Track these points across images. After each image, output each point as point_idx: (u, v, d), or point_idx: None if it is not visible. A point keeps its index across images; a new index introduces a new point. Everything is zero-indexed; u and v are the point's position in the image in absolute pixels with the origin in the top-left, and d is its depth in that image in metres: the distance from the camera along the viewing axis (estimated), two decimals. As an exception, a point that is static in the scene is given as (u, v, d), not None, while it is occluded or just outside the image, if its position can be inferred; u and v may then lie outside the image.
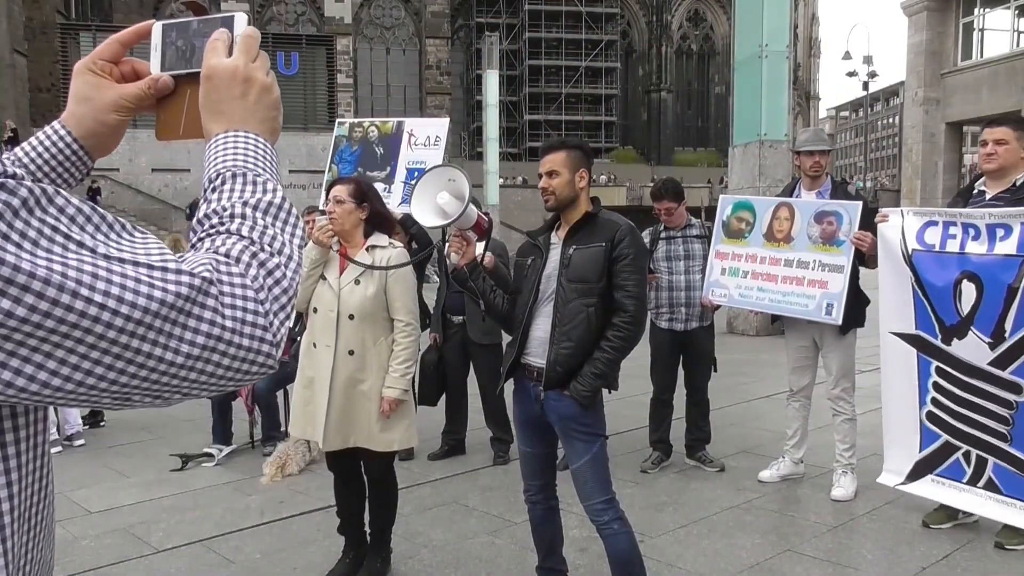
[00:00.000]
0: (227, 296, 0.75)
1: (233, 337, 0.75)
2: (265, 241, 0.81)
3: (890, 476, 4.16)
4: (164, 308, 0.70)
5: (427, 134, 5.33)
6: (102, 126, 0.95)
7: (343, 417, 3.38)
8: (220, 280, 0.75)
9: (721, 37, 59.99)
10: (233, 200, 0.83)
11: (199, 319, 0.72)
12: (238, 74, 0.88)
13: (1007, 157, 3.84)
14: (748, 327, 11.42)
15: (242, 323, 0.75)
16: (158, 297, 0.69)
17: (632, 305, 2.89)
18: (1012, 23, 22.13)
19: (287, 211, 0.85)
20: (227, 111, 0.88)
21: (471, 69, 56.66)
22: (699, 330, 5.07)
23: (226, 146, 0.87)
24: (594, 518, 2.96)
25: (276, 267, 0.80)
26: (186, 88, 0.93)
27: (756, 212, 4.70)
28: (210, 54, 0.89)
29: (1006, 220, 3.62)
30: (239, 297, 0.76)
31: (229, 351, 0.75)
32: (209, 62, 0.88)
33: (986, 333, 3.66)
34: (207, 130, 0.89)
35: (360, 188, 3.50)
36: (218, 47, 0.89)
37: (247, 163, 0.86)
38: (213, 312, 0.73)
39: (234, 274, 0.76)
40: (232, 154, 0.86)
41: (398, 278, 3.42)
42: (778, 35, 11.20)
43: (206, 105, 0.89)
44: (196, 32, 0.92)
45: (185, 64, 0.93)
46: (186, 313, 0.71)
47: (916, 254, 3.92)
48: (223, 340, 0.74)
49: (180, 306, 0.71)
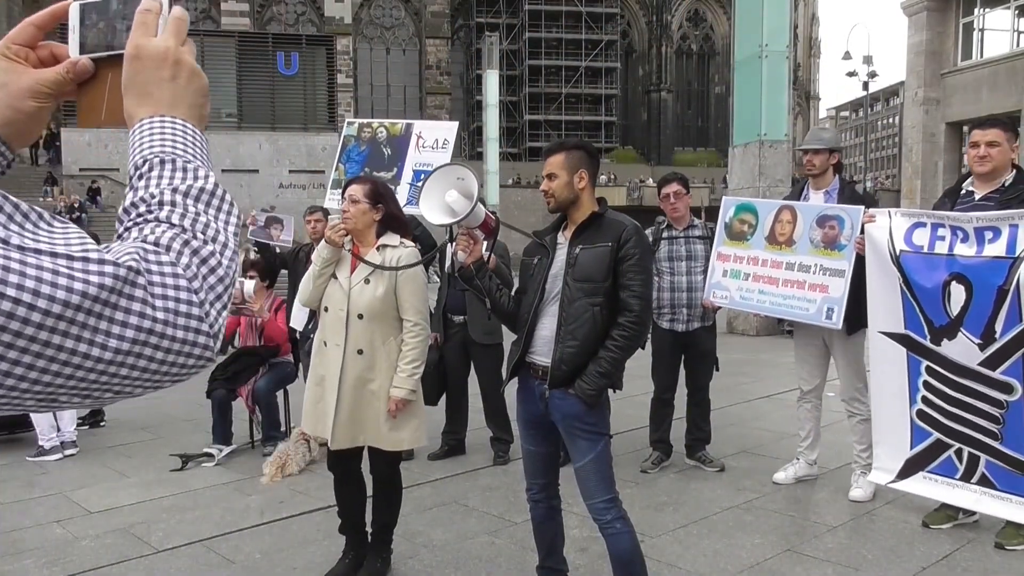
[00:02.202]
0: (157, 286, 0.71)
1: (166, 329, 0.70)
2: (197, 229, 0.77)
3: (880, 474, 4.16)
4: (87, 300, 0.66)
5: (435, 137, 5.35)
6: (19, 113, 0.88)
7: (352, 416, 3.38)
8: (149, 270, 0.71)
9: (721, 37, 59.98)
10: (162, 187, 0.78)
11: (127, 311, 0.68)
12: (168, 55, 0.83)
13: (1000, 159, 3.86)
14: (748, 327, 11.42)
15: (175, 314, 0.71)
16: (79, 289, 0.65)
17: (637, 305, 2.90)
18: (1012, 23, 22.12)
19: (220, 197, 0.81)
20: (155, 94, 0.83)
21: (471, 69, 56.64)
22: (701, 330, 5.07)
23: (152, 131, 0.82)
24: (596, 517, 2.96)
25: (210, 255, 0.76)
26: (107, 72, 0.87)
27: (759, 214, 4.71)
28: (137, 31, 0.83)
29: (994, 223, 3.63)
30: (171, 287, 0.72)
31: (162, 344, 0.71)
32: (136, 40, 0.83)
33: (976, 334, 3.67)
34: (131, 114, 0.83)
35: (376, 189, 3.50)
36: (147, 23, 0.83)
37: (176, 149, 0.81)
38: (142, 303, 0.69)
39: (164, 263, 0.72)
40: (160, 140, 0.81)
41: (408, 278, 3.42)
42: (778, 35, 11.21)
43: (131, 87, 0.83)
44: (117, 13, 0.87)
45: (106, 46, 0.87)
46: (112, 305, 0.67)
47: (904, 255, 3.93)
48: (155, 333, 0.70)
49: (104, 298, 0.67)
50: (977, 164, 3.91)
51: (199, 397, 5.84)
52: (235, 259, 0.79)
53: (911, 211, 4.18)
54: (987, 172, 3.90)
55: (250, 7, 48.82)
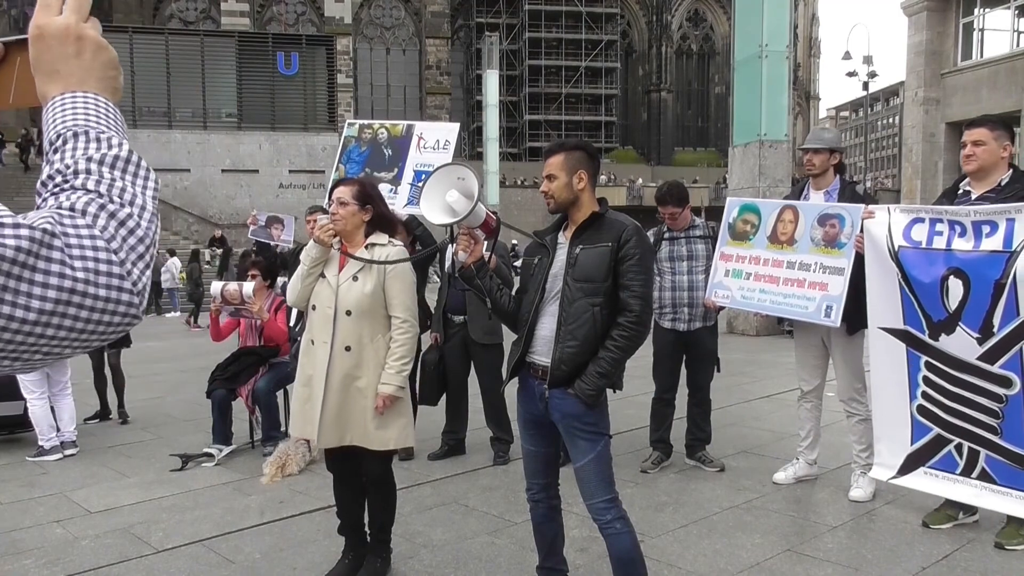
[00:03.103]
0: (75, 248, 0.73)
1: (88, 288, 0.73)
2: (114, 193, 0.79)
3: (882, 470, 4.16)
4: (4, 263, 0.68)
5: (436, 138, 5.35)
6: None
7: (339, 414, 3.38)
8: (65, 232, 0.73)
9: (721, 37, 59.97)
10: (76, 157, 0.80)
11: (45, 273, 0.70)
12: (70, 32, 0.84)
13: (986, 158, 3.87)
14: (748, 327, 11.42)
15: (95, 273, 0.73)
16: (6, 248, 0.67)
17: (638, 305, 2.90)
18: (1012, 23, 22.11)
19: (135, 164, 0.83)
20: (63, 71, 0.84)
21: (471, 69, 56.64)
22: (702, 330, 5.07)
23: (64, 106, 0.83)
24: (596, 517, 2.96)
25: (128, 217, 0.78)
26: (16, 55, 0.89)
27: (761, 214, 4.72)
28: (40, 11, 0.84)
29: (991, 217, 3.64)
30: (88, 248, 0.73)
31: (86, 303, 0.73)
32: (38, 21, 0.84)
33: (974, 328, 3.67)
34: (43, 93, 0.85)
35: (364, 190, 3.50)
36: (50, 4, 0.85)
37: (88, 122, 0.83)
38: (60, 264, 0.71)
39: (80, 226, 0.74)
40: (72, 114, 0.83)
41: (396, 275, 3.42)
42: (778, 35, 11.22)
43: (39, 67, 0.84)
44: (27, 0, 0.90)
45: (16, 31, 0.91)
46: (30, 268, 0.69)
47: (902, 251, 3.94)
48: (76, 292, 0.72)
49: (22, 260, 0.69)
50: (964, 163, 3.94)
51: (199, 397, 5.85)
52: (154, 221, 0.81)
53: (910, 207, 4.19)
54: (975, 170, 3.91)
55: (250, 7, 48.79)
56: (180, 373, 9.23)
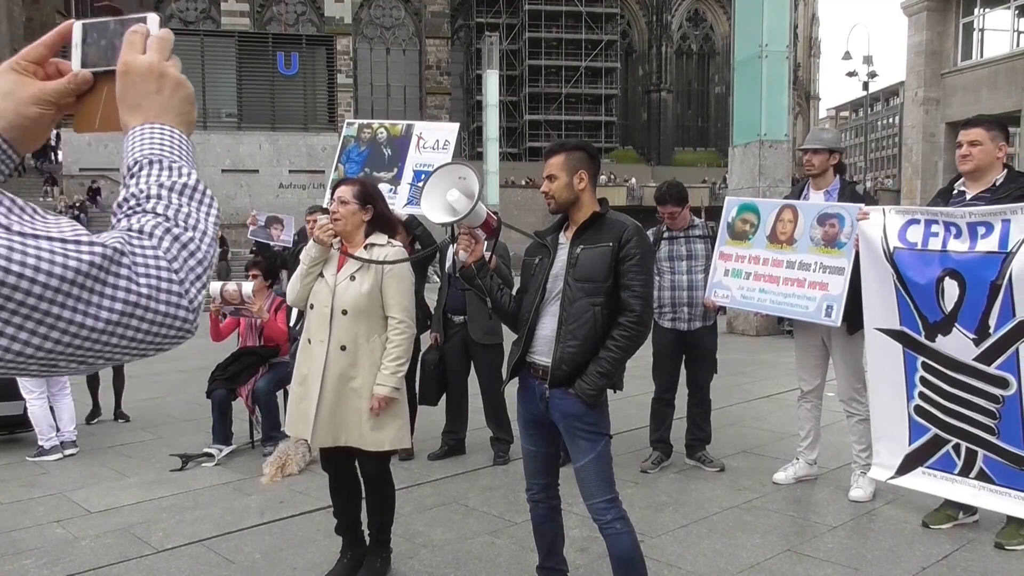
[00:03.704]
0: (140, 266, 0.81)
1: (149, 303, 0.80)
2: (180, 218, 0.87)
3: (880, 470, 4.17)
4: (80, 276, 0.76)
5: (436, 138, 5.35)
6: (24, 119, 0.98)
7: (333, 414, 3.37)
8: (132, 252, 0.81)
9: (721, 37, 59.97)
10: (149, 183, 0.89)
11: (114, 287, 0.78)
12: (153, 70, 0.94)
13: (981, 158, 3.87)
14: (748, 327, 11.42)
15: (157, 290, 0.81)
16: (72, 266, 0.75)
17: (638, 305, 2.90)
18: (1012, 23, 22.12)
19: (201, 192, 0.91)
20: (144, 105, 0.93)
21: (471, 69, 56.65)
22: (703, 330, 5.07)
23: (143, 136, 0.92)
24: (596, 517, 2.96)
25: (190, 240, 0.86)
26: (104, 84, 0.97)
27: (760, 214, 4.72)
28: (127, 50, 0.93)
29: (986, 218, 3.64)
30: (152, 267, 0.81)
31: (147, 316, 0.81)
32: (125, 58, 0.93)
33: (970, 329, 3.67)
34: (125, 123, 0.93)
35: (365, 190, 3.50)
36: (135, 42, 0.94)
37: (163, 151, 0.92)
38: (127, 280, 0.79)
39: (146, 246, 0.82)
40: (149, 144, 0.92)
41: (394, 275, 3.42)
42: (778, 35, 11.22)
43: (124, 99, 0.94)
44: (114, 32, 0.97)
45: (105, 62, 0.97)
46: (101, 281, 0.77)
47: (898, 252, 3.94)
48: (140, 306, 0.80)
49: (94, 274, 0.77)
50: (960, 163, 3.94)
51: (199, 397, 5.85)
52: (213, 245, 0.90)
53: (906, 208, 4.19)
54: (971, 170, 3.92)
55: (250, 7, 48.82)
56: (180, 373, 9.23)
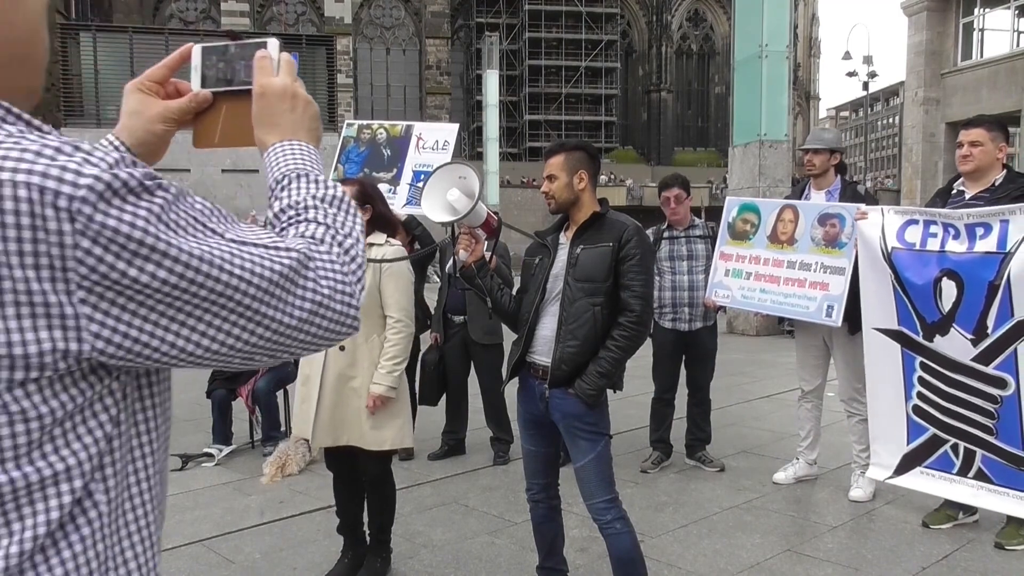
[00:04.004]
0: (321, 270, 0.89)
1: (330, 303, 0.89)
2: (338, 226, 0.96)
3: (878, 470, 4.17)
4: (281, 279, 0.85)
5: (436, 138, 5.36)
6: (150, 135, 1.07)
7: (333, 414, 3.38)
8: (314, 257, 0.89)
9: (721, 37, 59.98)
10: (304, 196, 0.97)
11: (304, 288, 0.87)
12: (287, 91, 1.03)
13: (982, 158, 3.87)
14: (748, 327, 11.42)
15: (334, 291, 0.90)
16: (278, 270, 0.84)
17: (638, 305, 2.90)
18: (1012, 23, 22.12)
19: (347, 202, 1.00)
20: (280, 123, 1.02)
21: (471, 69, 56.64)
22: (703, 330, 5.07)
23: (284, 153, 1.01)
24: (596, 517, 2.96)
25: (351, 246, 0.95)
26: (222, 103, 1.07)
27: (761, 214, 4.72)
28: (261, 74, 1.02)
29: (985, 219, 3.64)
30: (329, 271, 0.90)
31: (328, 315, 0.89)
32: (260, 81, 1.02)
33: (968, 330, 3.67)
34: (262, 140, 1.02)
35: (364, 190, 3.51)
36: (266, 67, 1.03)
37: (305, 166, 1.00)
38: (314, 282, 0.88)
39: (322, 252, 0.91)
40: (292, 159, 1.00)
41: (392, 275, 3.42)
42: (778, 35, 11.21)
43: (261, 119, 1.02)
44: (234, 56, 1.06)
45: (224, 83, 1.06)
46: (294, 283, 0.86)
47: (896, 252, 3.94)
48: (323, 305, 0.89)
49: (292, 277, 0.86)
50: (961, 163, 3.95)
51: (199, 397, 5.85)
52: (363, 248, 0.99)
53: (904, 208, 4.20)
54: (970, 171, 3.92)
55: (250, 7, 48.81)
56: (180, 373, 9.24)
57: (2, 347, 0.71)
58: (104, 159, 0.74)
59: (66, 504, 0.78)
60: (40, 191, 0.70)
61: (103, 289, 0.74)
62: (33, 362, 0.73)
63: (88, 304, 0.74)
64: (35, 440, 0.75)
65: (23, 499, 0.75)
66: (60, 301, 0.72)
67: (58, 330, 0.73)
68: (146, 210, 0.75)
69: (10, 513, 0.75)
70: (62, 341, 0.73)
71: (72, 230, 0.71)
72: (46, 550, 0.77)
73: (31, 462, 0.75)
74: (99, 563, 0.81)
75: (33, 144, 0.72)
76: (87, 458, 0.79)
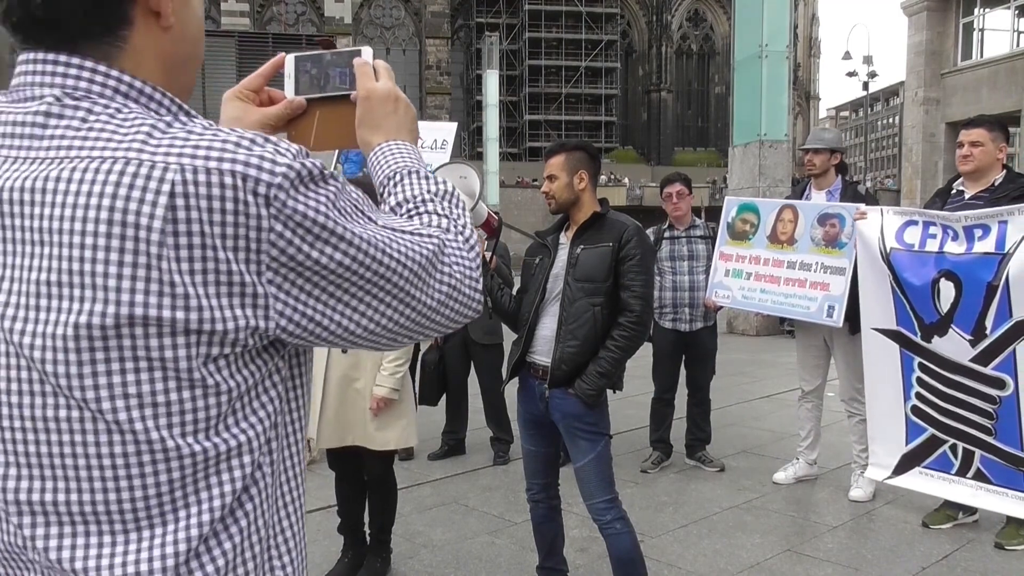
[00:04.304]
0: (452, 256, 0.95)
1: (461, 286, 0.95)
2: (454, 217, 1.01)
3: (877, 470, 4.17)
4: (427, 263, 0.90)
5: (434, 137, 5.36)
6: None
7: (338, 415, 3.39)
8: (447, 243, 0.95)
9: (721, 37, 60.00)
10: (420, 190, 1.02)
11: (441, 272, 0.92)
12: (390, 95, 1.08)
13: (982, 159, 3.88)
14: (748, 327, 11.42)
15: (464, 275, 0.96)
16: (424, 254, 0.90)
17: (638, 305, 2.90)
18: (1012, 23, 22.12)
19: (457, 196, 1.06)
20: (384, 125, 1.08)
21: (471, 69, 56.67)
22: (703, 330, 5.07)
23: (390, 152, 1.07)
24: (596, 517, 2.96)
25: (469, 236, 1.00)
26: (315, 108, 1.11)
27: (760, 214, 4.72)
28: (365, 79, 1.08)
29: (983, 220, 3.64)
30: (458, 257, 0.96)
31: (459, 297, 0.95)
32: (366, 86, 1.08)
33: (967, 330, 3.67)
34: (368, 141, 1.08)
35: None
36: (368, 72, 1.09)
37: (413, 163, 1.06)
38: (449, 267, 0.94)
39: (450, 240, 0.96)
40: (399, 157, 1.06)
41: None
42: (778, 35, 11.21)
43: (367, 121, 1.08)
44: (329, 63, 1.11)
45: (318, 89, 1.10)
46: (435, 267, 0.92)
47: (894, 253, 3.94)
48: (456, 288, 0.94)
49: (433, 261, 0.91)
50: (961, 163, 3.95)
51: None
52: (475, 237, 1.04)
53: (903, 209, 4.20)
54: (971, 171, 3.92)
55: (250, 7, 48.83)
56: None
57: (206, 323, 0.76)
58: (289, 150, 0.80)
59: (247, 475, 0.84)
60: (243, 178, 0.76)
61: (287, 270, 0.79)
62: (229, 338, 0.78)
63: (274, 284, 0.79)
64: (222, 413, 0.81)
65: (211, 469, 0.81)
66: (252, 281, 0.78)
67: (250, 308, 0.78)
68: (325, 197, 0.81)
69: (200, 482, 0.81)
70: (253, 319, 0.79)
71: (268, 214, 0.77)
72: (225, 519, 0.83)
73: (218, 433, 0.81)
74: (266, 531, 0.87)
75: (231, 135, 0.78)
76: (260, 432, 0.85)
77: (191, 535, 0.80)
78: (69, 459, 0.77)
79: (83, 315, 0.73)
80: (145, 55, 0.85)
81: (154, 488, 0.79)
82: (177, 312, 0.75)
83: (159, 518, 0.79)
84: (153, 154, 0.75)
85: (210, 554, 0.81)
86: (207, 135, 0.77)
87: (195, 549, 0.80)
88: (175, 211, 0.74)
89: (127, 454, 0.77)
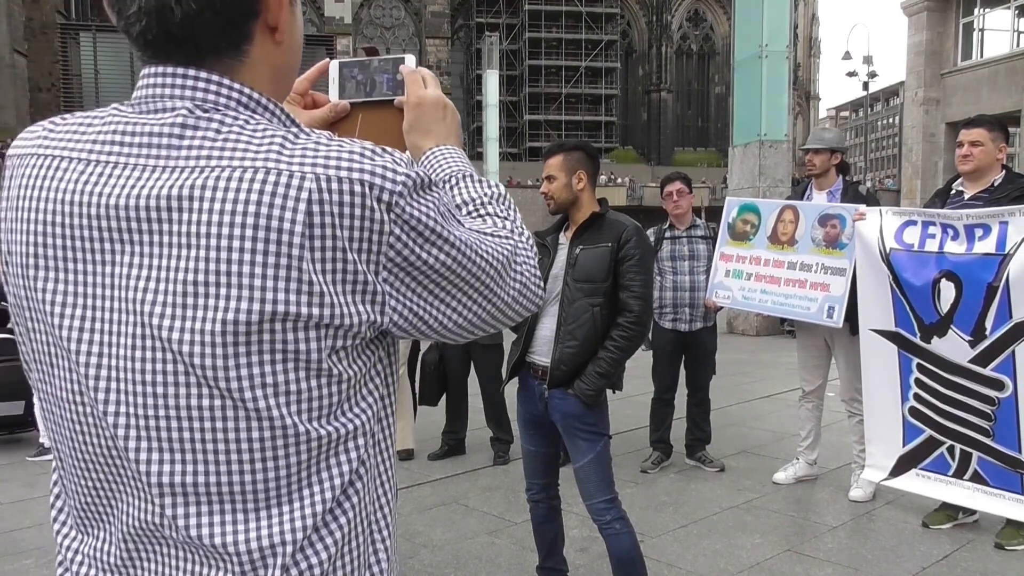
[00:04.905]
0: (522, 256, 1.02)
1: (529, 283, 1.02)
2: (512, 218, 1.07)
3: (874, 471, 4.17)
4: (506, 261, 0.98)
5: None
6: None
7: None
8: (518, 245, 1.02)
9: (721, 37, 60.00)
10: (478, 193, 1.08)
11: (515, 271, 1.00)
12: (439, 102, 1.12)
13: (982, 158, 3.87)
14: (748, 327, 11.42)
15: (531, 273, 1.03)
16: (505, 254, 0.97)
17: (637, 305, 2.90)
18: (1012, 23, 22.13)
19: (508, 198, 1.11)
20: (434, 131, 1.12)
21: (471, 69, 56.68)
22: (703, 331, 5.07)
23: (443, 156, 1.10)
24: (596, 517, 2.96)
25: (527, 236, 1.05)
26: (358, 112, 1.15)
27: (761, 214, 4.72)
28: (415, 87, 1.12)
29: (984, 220, 3.63)
30: (525, 256, 1.03)
31: (527, 294, 1.02)
32: (417, 93, 1.12)
33: (966, 331, 3.67)
34: (418, 146, 1.11)
35: None
36: (417, 80, 1.13)
37: (465, 167, 1.10)
38: (520, 266, 1.01)
39: (519, 241, 1.03)
40: (451, 161, 1.10)
41: None
42: (778, 35, 11.21)
43: (418, 126, 1.12)
44: (375, 69, 1.15)
45: (364, 94, 1.14)
46: (511, 266, 0.99)
47: (894, 253, 3.93)
48: (526, 285, 1.02)
49: (510, 260, 0.99)
50: (961, 163, 3.94)
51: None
52: None
53: (903, 209, 4.19)
54: (971, 171, 3.92)
55: (250, 7, 48.76)
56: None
57: (336, 318, 0.83)
58: (403, 160, 0.87)
59: (359, 456, 0.91)
60: (370, 186, 0.83)
61: (399, 270, 0.87)
62: (352, 331, 0.86)
63: (388, 283, 0.87)
64: (341, 399, 0.89)
65: (332, 450, 0.89)
66: (372, 280, 0.85)
67: (370, 304, 0.86)
68: (433, 202, 0.88)
69: (321, 463, 0.88)
70: (372, 314, 0.86)
71: (389, 219, 0.84)
72: (339, 500, 0.90)
73: (336, 418, 0.88)
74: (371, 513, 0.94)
75: (354, 146, 0.85)
76: (370, 417, 0.93)
77: (315, 511, 0.87)
78: (210, 444, 0.84)
79: (230, 312, 0.80)
80: (261, 68, 0.91)
81: (284, 469, 0.86)
82: (313, 308, 0.82)
83: (286, 497, 0.87)
84: (290, 164, 0.81)
85: (328, 528, 0.89)
86: (333, 146, 0.84)
87: (316, 526, 0.88)
88: (311, 216, 0.80)
89: (263, 438, 0.84)
